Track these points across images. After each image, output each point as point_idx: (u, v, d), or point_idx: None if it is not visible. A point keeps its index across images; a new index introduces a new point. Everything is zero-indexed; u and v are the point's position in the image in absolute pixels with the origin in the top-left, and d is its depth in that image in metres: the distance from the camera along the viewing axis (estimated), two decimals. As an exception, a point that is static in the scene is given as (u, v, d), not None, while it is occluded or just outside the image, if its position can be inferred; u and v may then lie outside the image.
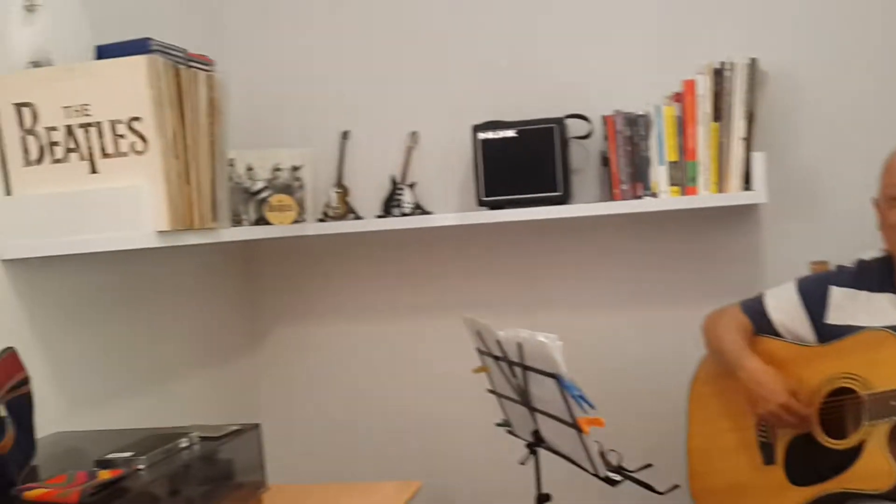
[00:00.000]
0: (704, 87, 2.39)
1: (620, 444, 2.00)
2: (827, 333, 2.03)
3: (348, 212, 2.76)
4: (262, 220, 2.58)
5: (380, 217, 2.72)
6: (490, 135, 2.54)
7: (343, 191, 2.77)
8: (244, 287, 2.93)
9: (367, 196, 2.78)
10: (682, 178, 2.44)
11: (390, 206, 2.72)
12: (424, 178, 2.76)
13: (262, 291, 2.95)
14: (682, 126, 2.43)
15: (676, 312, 2.57)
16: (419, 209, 2.72)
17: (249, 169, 2.64)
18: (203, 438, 1.70)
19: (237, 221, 2.56)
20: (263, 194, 2.58)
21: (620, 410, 2.55)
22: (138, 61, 1.80)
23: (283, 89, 2.85)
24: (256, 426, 1.83)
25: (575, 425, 1.91)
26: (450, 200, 2.76)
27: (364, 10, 2.81)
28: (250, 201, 2.60)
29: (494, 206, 2.56)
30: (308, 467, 2.88)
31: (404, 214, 2.70)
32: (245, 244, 2.90)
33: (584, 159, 2.64)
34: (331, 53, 2.83)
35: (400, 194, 2.72)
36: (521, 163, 2.52)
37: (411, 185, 2.74)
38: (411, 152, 2.77)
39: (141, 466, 1.51)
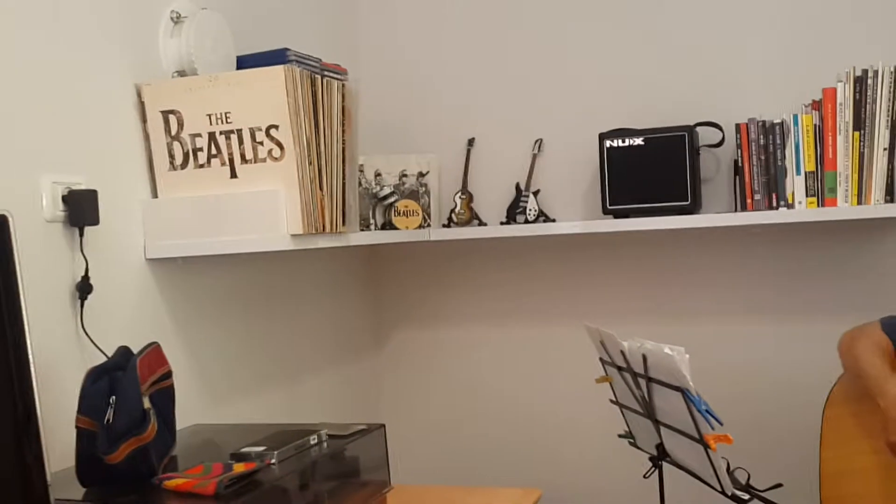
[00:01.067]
0: (844, 94, 2.29)
1: (749, 462, 1.95)
2: (978, 355, 1.92)
3: (472, 218, 2.78)
4: (388, 225, 2.63)
5: (503, 224, 2.73)
6: (617, 143, 2.51)
7: (468, 197, 2.79)
8: (370, 290, 2.99)
9: (492, 203, 2.79)
10: (821, 188, 2.34)
11: (514, 212, 2.72)
12: (549, 185, 2.75)
13: (386, 295, 3.01)
14: (821, 135, 2.33)
15: (810, 327, 2.47)
16: (543, 216, 2.71)
17: (377, 174, 2.69)
18: (331, 436, 1.75)
19: (365, 226, 2.61)
20: (390, 199, 2.63)
21: (748, 427, 2.48)
22: (276, 71, 1.86)
23: (412, 96, 2.90)
24: (381, 426, 1.87)
25: (702, 441, 1.86)
26: (574, 208, 2.74)
27: (493, 18, 2.82)
28: (378, 206, 2.65)
29: (619, 214, 2.53)
30: (427, 469, 2.91)
31: (528, 221, 2.70)
32: (372, 248, 2.96)
33: (714, 168, 2.58)
34: (458, 61, 2.86)
35: (524, 201, 2.72)
36: (648, 171, 2.48)
37: (535, 193, 2.73)
38: (536, 160, 2.77)
39: (273, 461, 1.57)
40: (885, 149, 2.26)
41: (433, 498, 2.09)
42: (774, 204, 2.40)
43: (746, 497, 1.88)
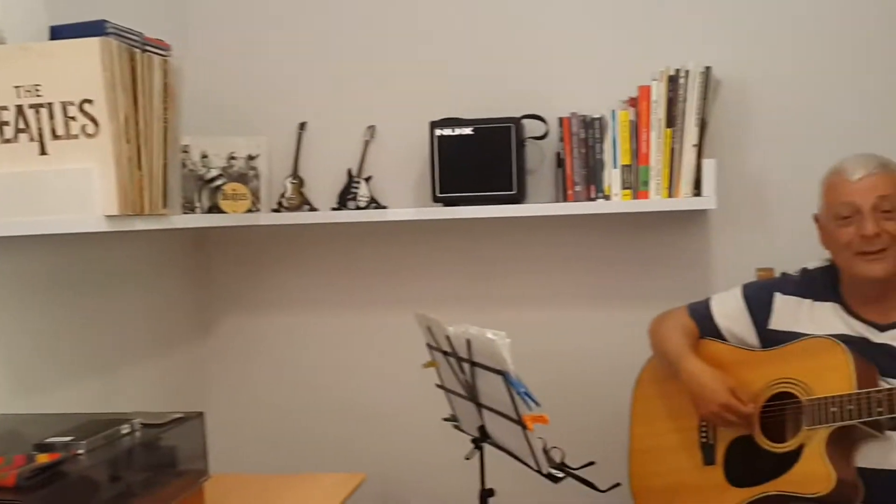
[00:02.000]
0: (659, 93, 2.42)
1: (565, 441, 2.03)
2: (770, 339, 2.07)
3: (303, 203, 2.75)
4: (215, 209, 2.56)
5: (335, 209, 2.71)
6: (447, 132, 2.55)
7: (298, 182, 2.76)
8: (195, 275, 2.90)
9: (323, 188, 2.77)
10: (635, 181, 2.47)
11: (346, 198, 2.72)
12: (381, 172, 2.76)
13: (213, 280, 2.93)
14: (637, 130, 2.46)
15: (625, 313, 2.60)
16: (374, 203, 2.71)
17: (204, 156, 2.61)
18: (145, 425, 1.69)
19: (189, 209, 2.53)
20: (217, 182, 2.56)
21: (567, 408, 2.57)
22: (92, 43, 1.77)
23: (242, 77, 2.84)
24: (200, 414, 1.82)
25: (520, 422, 1.93)
26: (405, 196, 2.76)
27: (326, 2, 2.80)
28: (204, 189, 2.57)
29: (449, 202, 2.57)
30: (256, 458, 2.87)
31: (359, 208, 2.69)
32: (198, 232, 2.88)
33: (539, 160, 2.66)
34: (291, 43, 2.82)
35: (356, 187, 2.72)
36: (477, 161, 2.54)
37: (367, 179, 2.73)
38: (368, 146, 2.77)
39: (80, 451, 1.50)
40: (693, 145, 2.41)
41: (253, 486, 2.06)
42: (593, 195, 2.51)
43: (561, 475, 1.97)
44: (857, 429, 1.86)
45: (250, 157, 2.67)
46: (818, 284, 2.06)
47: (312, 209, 2.74)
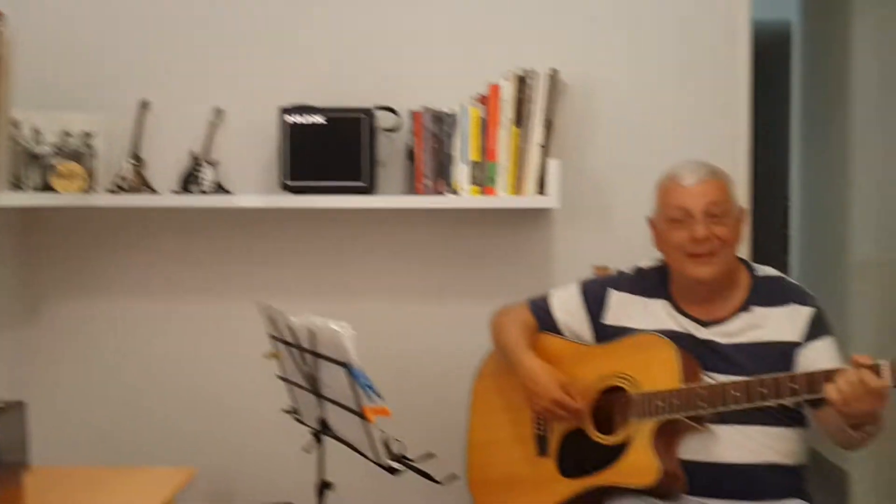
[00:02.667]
0: (508, 92, 2.47)
1: (406, 434, 2.03)
2: (604, 334, 2.15)
3: (143, 185, 2.63)
4: (46, 187, 2.42)
5: (176, 193, 2.62)
6: (298, 119, 2.51)
7: (138, 163, 2.64)
8: (23, 257, 2.73)
9: (165, 171, 2.66)
10: (483, 178, 2.51)
11: (189, 182, 2.62)
12: (227, 157, 2.68)
13: (43, 263, 2.76)
14: (486, 128, 2.49)
15: (469, 307, 2.63)
16: (220, 188, 2.64)
17: (36, 132, 2.47)
18: (-42, 416, 1.58)
19: (18, 187, 2.39)
20: (50, 160, 2.42)
21: (409, 401, 2.59)
22: None
23: (82, 51, 2.69)
24: (20, 404, 1.72)
25: (361, 414, 1.92)
26: (253, 182, 2.70)
27: (174, -23, 2.70)
28: (35, 166, 2.43)
29: (298, 191, 2.53)
30: (84, 450, 2.72)
31: (203, 193, 2.61)
32: (27, 212, 2.71)
33: (391, 152, 2.66)
34: (136, 16, 2.70)
35: (200, 171, 2.63)
36: (328, 150, 2.51)
37: (213, 163, 2.65)
38: (215, 129, 2.69)
39: None
40: (539, 145, 2.47)
41: (77, 478, 1.97)
42: (442, 190, 2.53)
43: (399, 467, 1.97)
44: (681, 422, 1.96)
45: (87, 135, 2.54)
46: (650, 282, 2.15)
47: (152, 192, 2.64)
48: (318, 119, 2.51)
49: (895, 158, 3.26)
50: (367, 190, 2.52)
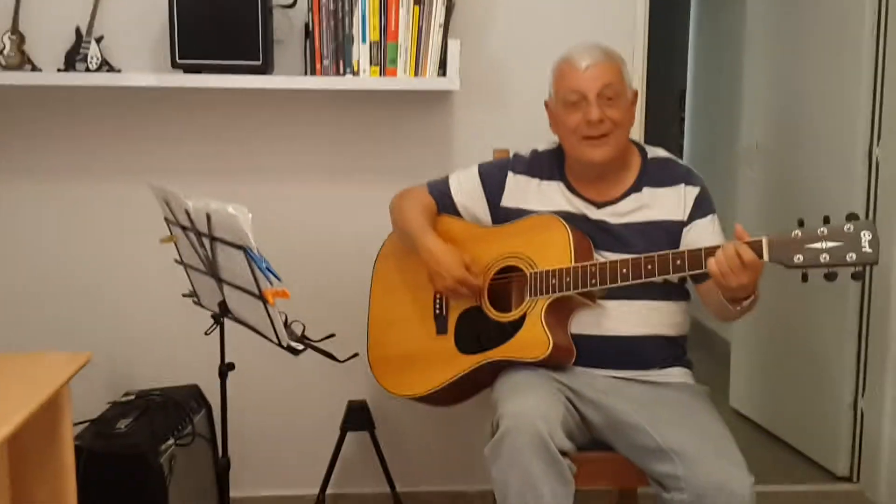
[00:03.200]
0: (408, -32, 2.41)
1: (309, 315, 2.06)
2: (502, 216, 2.19)
3: (24, 62, 2.50)
4: (-85, 64, 2.27)
5: (61, 71, 2.49)
6: (187, -7, 2.40)
7: (19, 38, 2.50)
8: None
9: (48, 47, 2.53)
10: (383, 59, 2.47)
11: (74, 59, 2.50)
12: (114, 32, 2.56)
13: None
14: (386, 6, 2.44)
15: (369, 190, 2.63)
16: (107, 66, 2.52)
17: None
18: None
19: None
20: (-82, 33, 2.26)
21: (311, 282, 2.61)
22: None
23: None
24: None
25: (261, 297, 1.93)
26: (142, 60, 2.59)
27: None
28: None
29: (190, 69, 2.45)
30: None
31: (89, 70, 2.49)
32: None
33: (287, 30, 2.58)
34: None
35: (85, 48, 2.50)
36: (221, 26, 2.43)
37: (98, 39, 2.52)
38: (99, 2, 2.54)
39: None
40: (440, 25, 2.43)
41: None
42: (342, 70, 2.48)
43: (301, 347, 2.00)
44: (573, 299, 2.03)
45: (-42, 7, 2.38)
46: (546, 165, 2.19)
47: (35, 69, 2.50)
48: (210, -7, 2.41)
49: (782, 51, 3.34)
50: (263, 69, 2.45)
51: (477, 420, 2.08)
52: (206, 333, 2.15)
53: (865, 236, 1.70)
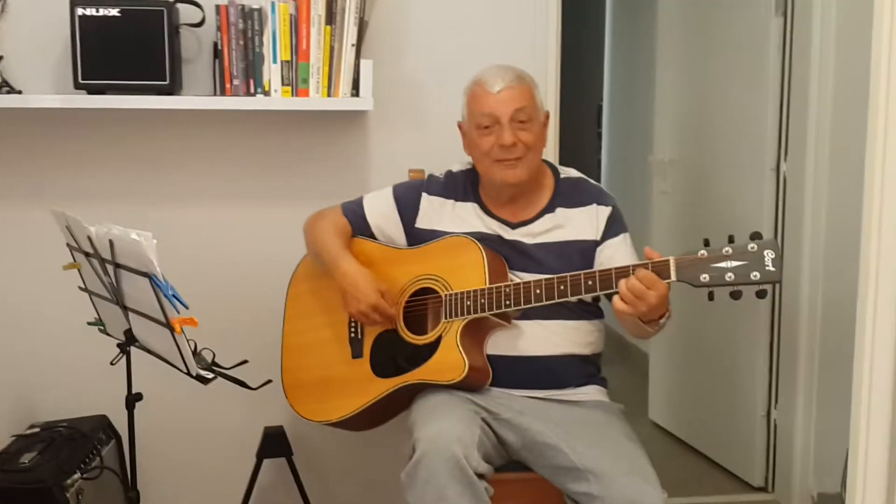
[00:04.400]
0: (318, -12, 2.38)
1: (221, 341, 2.01)
2: (416, 237, 2.18)
3: (-84, 83, 2.39)
4: None
5: (-44, 92, 2.39)
6: (90, 11, 2.33)
7: None
8: None
9: (-58, 67, 2.43)
10: (295, 78, 2.43)
11: (-30, 80, 2.40)
12: (15, 52, 2.47)
13: None
14: (297, 25, 2.41)
15: (283, 213, 2.58)
16: (6, 87, 2.43)
17: None
18: None
19: None
20: None
21: (223, 309, 2.55)
22: None
23: None
24: None
25: (168, 325, 1.87)
26: (45, 81, 2.50)
27: None
28: None
29: (94, 90, 2.38)
30: None
31: (-13, 91, 2.40)
32: None
33: (196, 49, 2.53)
34: None
35: (-18, 68, 2.41)
36: (126, 46, 2.36)
37: (-3, 59, 2.43)
38: (-2, 21, 2.46)
39: None
40: (352, 45, 2.41)
41: None
42: (252, 90, 2.44)
43: (210, 375, 1.95)
44: (488, 320, 2.03)
45: None
46: (460, 186, 2.19)
47: (-72, 90, 2.40)
48: (113, 11, 2.34)
49: (692, 66, 3.42)
50: (170, 89, 2.39)
51: (398, 444, 2.05)
52: (111, 363, 2.08)
53: (769, 255, 1.74)
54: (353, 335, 2.17)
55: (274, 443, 2.50)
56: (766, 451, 3.10)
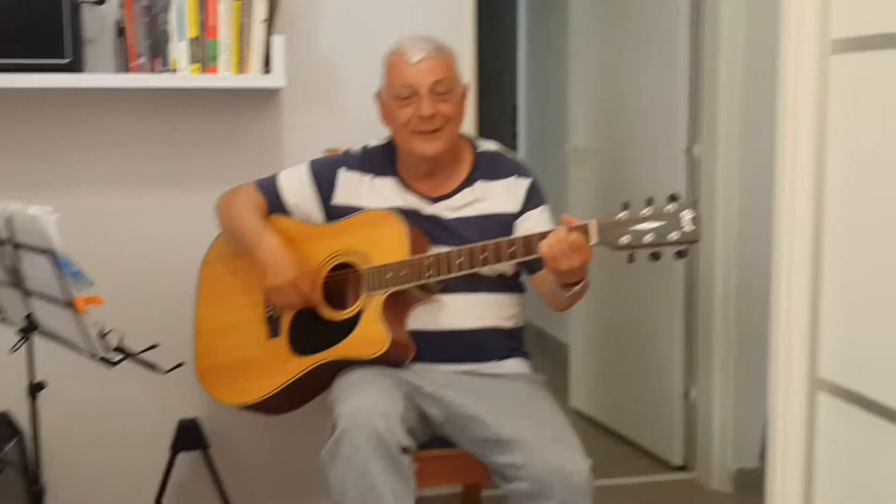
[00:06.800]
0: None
1: (132, 326, 1.93)
2: (334, 214, 2.12)
3: None
4: None
5: None
6: (-18, -14, 2.22)
7: None
8: None
9: None
10: (204, 56, 2.36)
11: None
12: None
13: None
14: (204, 1, 2.33)
15: (193, 194, 2.49)
16: None
17: None
18: None
19: None
20: None
21: (130, 292, 2.44)
22: None
23: None
24: None
25: (70, 305, 1.78)
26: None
27: None
28: None
29: (-12, 69, 2.26)
30: None
31: None
32: None
33: (99, 28, 2.43)
34: None
35: None
36: (22, 23, 2.25)
37: None
38: None
39: None
40: (263, 20, 2.35)
41: None
42: (159, 68, 2.35)
43: (117, 358, 1.86)
44: (410, 293, 1.99)
45: None
46: (378, 160, 2.14)
47: None
48: (6, -12, 2.23)
49: (604, 54, 3.46)
50: (71, 68, 2.29)
51: (317, 431, 1.99)
52: (11, 350, 1.96)
53: (687, 214, 1.75)
54: (269, 314, 2.11)
55: (189, 435, 2.41)
56: (685, 429, 3.14)
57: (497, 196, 2.09)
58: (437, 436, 1.97)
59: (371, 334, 1.95)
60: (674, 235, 1.74)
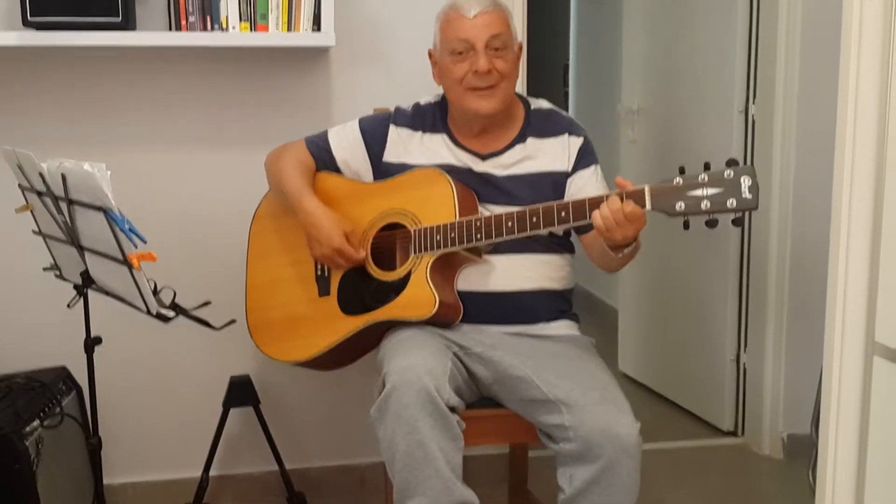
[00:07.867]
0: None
1: (185, 284, 1.95)
2: (384, 171, 2.11)
3: None
4: None
5: None
6: (37, -57, 2.23)
7: None
8: None
9: None
10: (253, 14, 2.35)
11: (-89, 17, 2.29)
12: (-43, -11, 2.36)
13: None
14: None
15: (243, 153, 2.50)
16: (-50, 25, 2.32)
17: None
18: None
19: None
20: None
21: (182, 250, 2.48)
22: None
23: None
24: None
25: (126, 261, 1.80)
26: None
27: None
28: None
29: (43, 26, 2.27)
30: None
31: (-71, 29, 2.29)
32: None
33: (150, -14, 2.44)
34: None
35: (-76, 4, 2.30)
36: (76, -19, 2.26)
37: (-62, -5, 2.32)
38: (-62, -45, 2.34)
39: None
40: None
41: None
42: (209, 27, 2.35)
43: (171, 314, 1.89)
44: (458, 255, 1.98)
45: None
46: (429, 117, 2.12)
47: None
48: (62, -54, 2.24)
49: (659, 15, 3.38)
50: (124, 26, 2.30)
51: (366, 388, 2.00)
52: (68, 306, 2.00)
53: (745, 181, 1.70)
54: (319, 273, 2.11)
55: (240, 391, 2.43)
56: (736, 395, 3.10)
57: (548, 153, 2.06)
58: (484, 396, 1.97)
59: (420, 296, 1.94)
60: (732, 202, 1.69)
